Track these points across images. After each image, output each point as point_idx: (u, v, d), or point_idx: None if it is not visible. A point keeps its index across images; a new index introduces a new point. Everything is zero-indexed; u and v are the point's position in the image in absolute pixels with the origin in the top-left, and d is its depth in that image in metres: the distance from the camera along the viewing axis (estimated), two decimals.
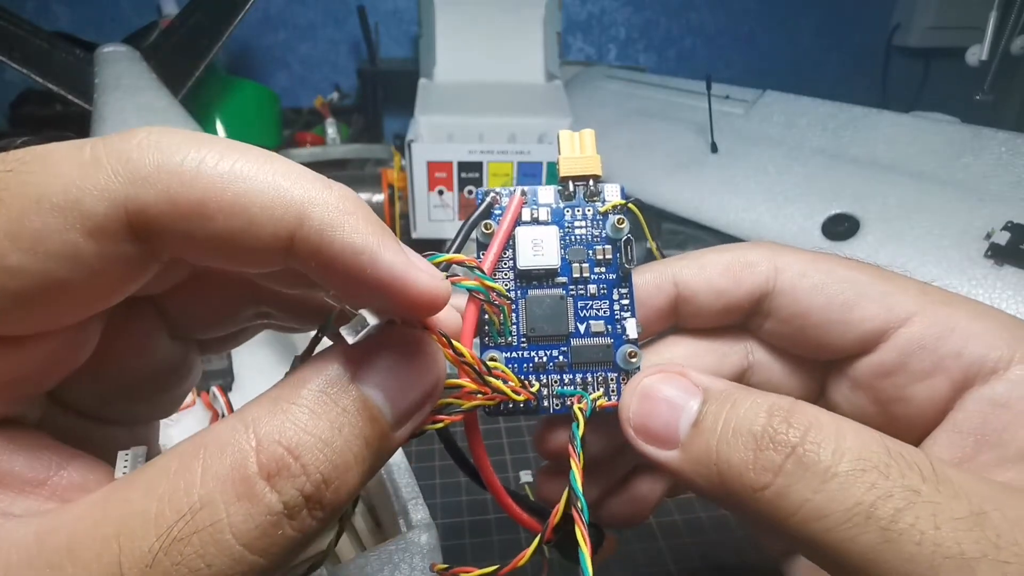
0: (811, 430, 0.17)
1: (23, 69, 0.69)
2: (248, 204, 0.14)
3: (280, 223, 0.14)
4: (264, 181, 0.14)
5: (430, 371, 0.18)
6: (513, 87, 0.83)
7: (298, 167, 0.15)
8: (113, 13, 1.16)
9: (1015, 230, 0.53)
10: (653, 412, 0.20)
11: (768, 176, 0.73)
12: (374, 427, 0.16)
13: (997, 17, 0.83)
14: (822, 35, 1.46)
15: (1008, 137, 0.60)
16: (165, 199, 0.14)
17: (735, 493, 0.17)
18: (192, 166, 0.14)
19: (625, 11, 1.37)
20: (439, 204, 0.74)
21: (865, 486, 0.15)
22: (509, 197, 0.24)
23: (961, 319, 0.21)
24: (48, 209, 0.13)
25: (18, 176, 0.13)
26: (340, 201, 0.15)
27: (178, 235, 0.14)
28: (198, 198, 0.14)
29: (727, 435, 0.18)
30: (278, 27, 1.25)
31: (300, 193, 0.15)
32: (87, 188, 0.13)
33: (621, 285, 0.24)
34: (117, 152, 0.14)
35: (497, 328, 0.23)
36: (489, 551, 0.41)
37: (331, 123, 1.05)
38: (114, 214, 0.13)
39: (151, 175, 0.14)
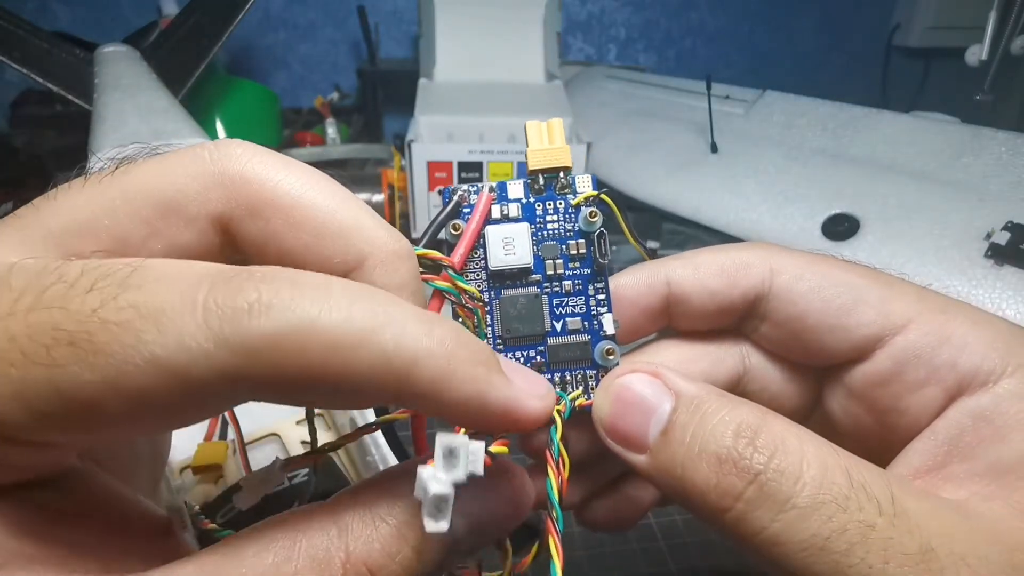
0: (775, 455, 0.17)
1: (23, 69, 0.69)
2: (352, 374, 0.14)
3: (385, 387, 0.14)
4: (371, 345, 0.14)
5: (520, 510, 0.18)
6: (513, 87, 0.83)
7: (403, 309, 0.15)
8: (113, 13, 1.16)
9: (1015, 230, 0.53)
10: (624, 413, 0.20)
11: (768, 176, 0.73)
12: (448, 552, 0.16)
13: (997, 17, 0.83)
14: (822, 35, 1.46)
15: (1008, 137, 0.60)
16: (272, 371, 0.13)
17: (698, 509, 0.18)
18: (302, 336, 0.13)
19: (625, 11, 1.37)
20: (439, 204, 0.74)
21: (822, 519, 0.16)
22: (477, 195, 0.23)
23: (958, 327, 0.21)
24: (155, 370, 0.13)
25: (132, 332, 0.13)
26: (443, 349, 0.15)
27: (277, 396, 0.14)
28: (305, 370, 0.13)
29: (693, 451, 0.18)
30: (278, 27, 1.25)
31: (406, 354, 0.14)
32: (195, 356, 0.13)
33: (596, 280, 0.23)
34: (229, 317, 0.13)
35: (472, 331, 0.22)
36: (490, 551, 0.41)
37: (331, 123, 1.05)
38: (216, 381, 0.13)
39: (261, 348, 0.13)
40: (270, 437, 0.40)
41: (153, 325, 0.13)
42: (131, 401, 0.13)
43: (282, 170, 0.17)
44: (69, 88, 0.70)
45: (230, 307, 0.13)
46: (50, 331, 0.13)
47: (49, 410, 0.13)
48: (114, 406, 0.13)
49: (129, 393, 0.13)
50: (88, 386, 0.13)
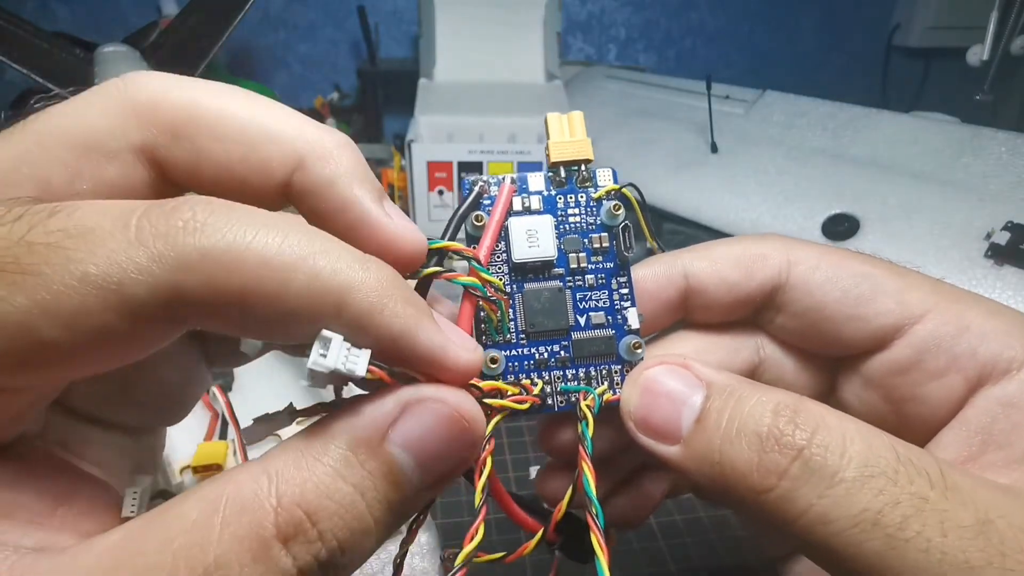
0: (818, 432, 0.16)
1: (23, 69, 0.69)
2: (288, 293, 0.14)
3: (319, 311, 0.14)
4: (305, 269, 0.14)
5: (466, 439, 0.17)
6: (513, 87, 0.83)
7: (337, 245, 0.15)
8: (113, 13, 1.16)
9: (1015, 230, 0.53)
10: (655, 405, 0.20)
11: (768, 176, 0.73)
12: (399, 492, 0.15)
13: (998, 17, 0.83)
14: (822, 35, 1.46)
15: (1008, 137, 0.60)
16: (207, 288, 0.13)
17: (738, 493, 0.17)
18: (236, 253, 0.13)
19: (625, 11, 1.37)
20: (439, 204, 0.74)
21: (872, 492, 0.15)
22: (499, 186, 0.23)
23: (976, 317, 0.21)
24: (88, 289, 0.13)
25: (61, 251, 0.13)
26: (377, 284, 0.15)
27: (214, 318, 0.14)
28: (240, 288, 0.14)
29: (731, 434, 0.17)
30: (278, 27, 1.25)
31: (339, 279, 0.14)
32: (129, 271, 0.13)
33: (619, 274, 0.23)
34: (163, 233, 0.13)
35: (495, 325, 0.22)
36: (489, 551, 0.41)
37: (331, 123, 1.05)
38: (153, 299, 0.13)
39: (195, 263, 0.13)
40: (270, 437, 0.40)
41: (83, 244, 0.13)
42: (67, 326, 0.13)
43: (196, 88, 0.17)
44: (69, 88, 0.70)
45: (163, 225, 0.13)
46: None
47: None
48: (50, 332, 0.13)
49: (63, 316, 0.12)
50: (20, 312, 0.12)
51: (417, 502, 0.16)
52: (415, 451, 0.16)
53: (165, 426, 0.23)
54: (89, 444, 0.18)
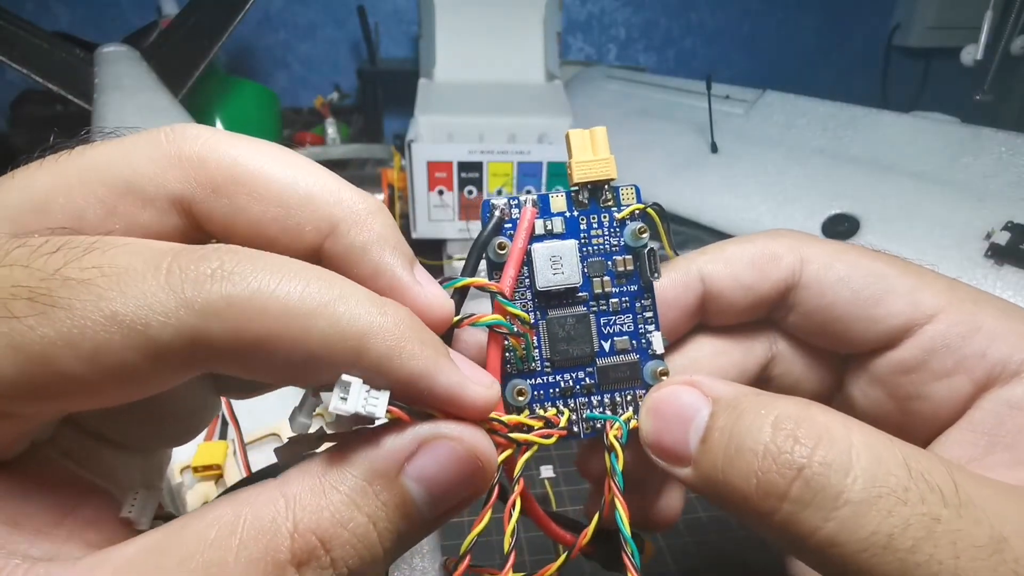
0: (820, 446, 0.16)
1: (23, 69, 0.69)
2: (309, 340, 0.14)
3: (340, 356, 0.15)
4: (326, 315, 0.14)
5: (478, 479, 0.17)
6: (513, 87, 0.83)
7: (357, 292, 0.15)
8: (113, 13, 1.16)
9: (1015, 230, 0.53)
10: (664, 428, 0.19)
11: (768, 176, 0.73)
12: (409, 523, 0.16)
13: (994, 17, 0.83)
14: (822, 35, 1.46)
15: (1008, 137, 0.60)
16: (231, 334, 0.14)
17: (745, 515, 0.17)
18: (261, 301, 0.14)
19: (625, 11, 1.37)
20: (439, 204, 0.74)
21: (882, 514, 0.14)
22: (520, 209, 0.22)
23: (987, 318, 0.20)
24: (115, 327, 0.13)
25: (93, 288, 0.13)
26: (396, 327, 0.15)
27: (236, 362, 0.14)
28: (263, 335, 0.14)
29: (731, 453, 0.17)
30: (278, 27, 1.25)
31: (359, 325, 0.15)
32: (157, 314, 0.13)
33: (643, 297, 0.22)
34: (193, 279, 0.13)
35: (520, 355, 0.21)
36: (489, 552, 0.41)
37: (331, 123, 1.05)
38: (177, 343, 0.13)
39: (221, 310, 0.13)
40: (270, 437, 0.40)
41: (115, 283, 0.13)
42: (88, 360, 0.13)
43: (240, 146, 0.17)
44: (69, 88, 0.70)
45: (193, 271, 0.14)
46: (9, 287, 0.13)
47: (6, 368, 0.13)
48: (72, 365, 0.13)
49: (86, 351, 0.13)
50: (45, 341, 0.13)
51: (423, 533, 0.17)
52: (428, 486, 0.16)
53: (172, 447, 0.23)
54: (97, 460, 0.18)
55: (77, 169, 0.16)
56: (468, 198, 0.74)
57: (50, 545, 0.15)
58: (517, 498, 0.19)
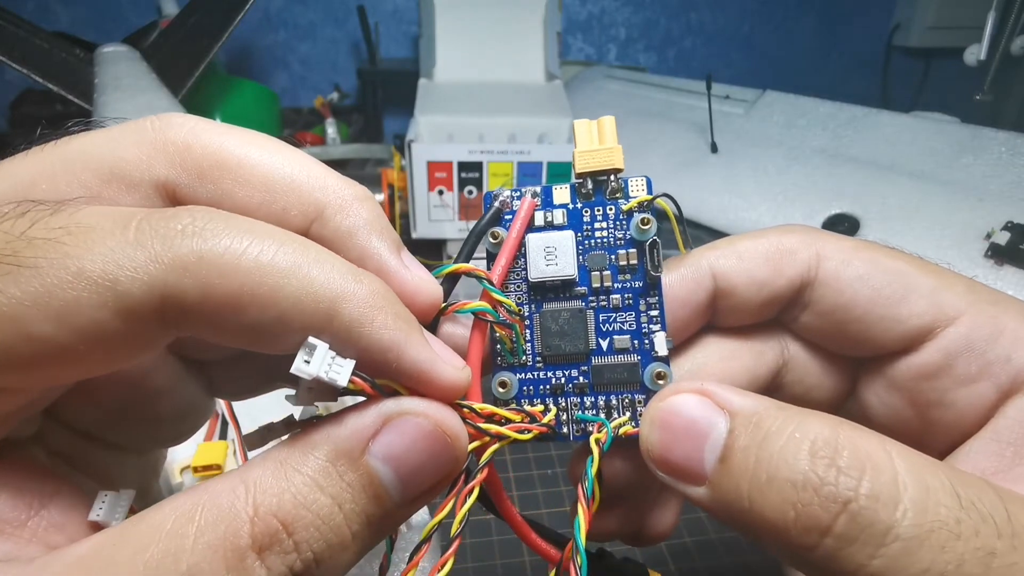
0: (865, 476, 0.14)
1: (23, 69, 0.69)
2: (280, 300, 0.14)
3: (311, 318, 0.14)
4: (299, 275, 0.14)
5: (447, 455, 0.16)
6: (513, 87, 0.83)
7: (332, 257, 0.15)
8: (113, 13, 1.17)
9: (1015, 230, 0.53)
10: (674, 441, 0.18)
11: (768, 176, 0.73)
12: (378, 506, 0.15)
13: (996, 17, 0.83)
14: (822, 35, 1.46)
15: (1008, 137, 0.60)
16: (201, 290, 0.13)
17: (775, 546, 0.15)
18: (232, 258, 0.14)
19: (625, 11, 1.37)
20: (439, 204, 0.74)
21: (935, 551, 0.13)
22: (520, 200, 0.21)
23: (1011, 321, 0.19)
24: (84, 284, 0.13)
25: (59, 246, 0.13)
26: (369, 296, 0.15)
27: (207, 321, 0.14)
28: (234, 292, 0.14)
29: (760, 480, 0.15)
30: (278, 27, 1.25)
31: (331, 289, 0.15)
32: (126, 269, 0.13)
33: (649, 294, 0.21)
34: (161, 235, 0.13)
35: (509, 348, 0.21)
36: (489, 550, 0.41)
37: (331, 123, 1.05)
38: (148, 299, 0.13)
39: (191, 265, 0.13)
40: None
41: (82, 241, 0.13)
42: (59, 320, 0.13)
43: (225, 133, 0.17)
44: (69, 88, 0.70)
45: (163, 227, 0.13)
46: None
47: None
48: (42, 326, 0.13)
49: (55, 309, 0.12)
50: (12, 302, 0.12)
51: (397, 518, 0.16)
52: (396, 465, 0.15)
53: (163, 447, 0.22)
54: (90, 460, 0.18)
55: (61, 156, 0.16)
56: (468, 198, 0.74)
57: (11, 546, 0.15)
58: (477, 485, 0.18)
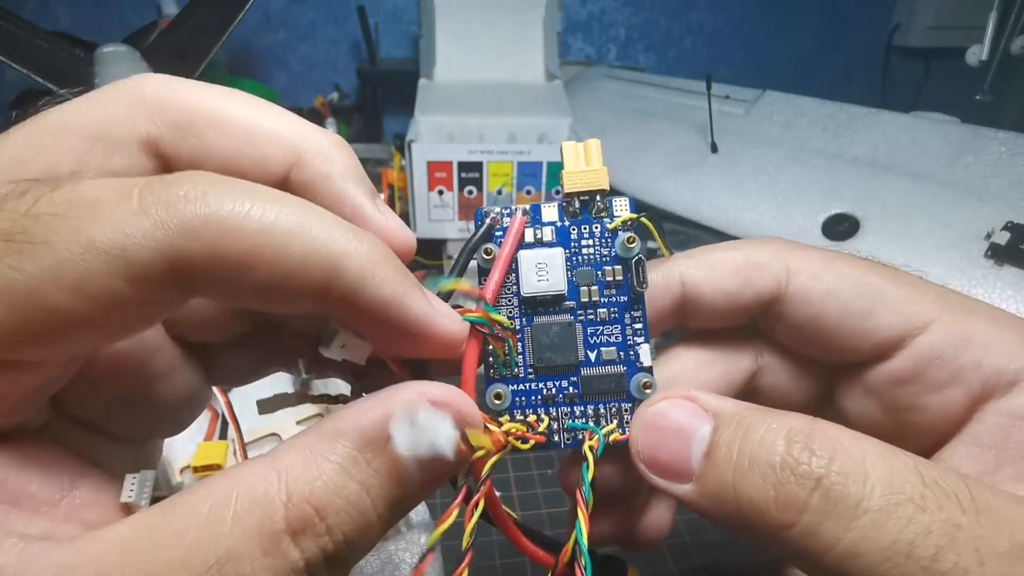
0: (836, 457, 0.16)
1: (23, 69, 0.69)
2: (286, 258, 0.15)
3: (316, 275, 0.15)
4: (302, 235, 0.15)
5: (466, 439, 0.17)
6: (513, 87, 0.83)
7: (332, 217, 0.16)
8: (113, 13, 1.16)
9: (1015, 230, 0.53)
10: (662, 442, 0.19)
11: (768, 176, 0.73)
12: (401, 489, 0.16)
13: (997, 17, 0.83)
14: (822, 35, 1.46)
15: (1008, 137, 0.60)
16: (209, 251, 0.14)
17: (759, 529, 0.16)
18: (236, 220, 0.14)
19: (625, 11, 1.37)
20: (439, 204, 0.74)
21: (902, 522, 0.14)
22: (511, 217, 0.22)
23: (980, 327, 0.20)
24: (94, 255, 0.13)
25: (67, 221, 0.13)
26: (371, 253, 0.16)
27: (217, 284, 0.15)
28: (241, 251, 0.14)
29: (743, 466, 0.16)
30: (278, 27, 1.25)
31: (334, 246, 0.15)
32: (134, 237, 0.13)
33: (633, 308, 0.22)
34: (164, 202, 0.14)
35: (502, 360, 0.22)
36: (489, 550, 0.41)
37: (331, 123, 1.05)
38: (158, 264, 0.14)
39: (197, 228, 0.14)
40: (270, 437, 0.40)
41: (88, 213, 0.13)
42: (74, 291, 0.13)
43: (203, 88, 0.18)
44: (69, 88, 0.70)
45: (165, 195, 0.14)
46: None
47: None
48: (59, 298, 0.13)
49: (70, 282, 0.13)
50: (28, 279, 0.13)
51: (417, 498, 0.17)
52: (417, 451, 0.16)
53: (162, 438, 0.23)
54: (90, 451, 0.18)
55: (44, 128, 0.16)
56: (468, 198, 0.74)
57: (48, 524, 0.15)
58: (481, 498, 0.18)
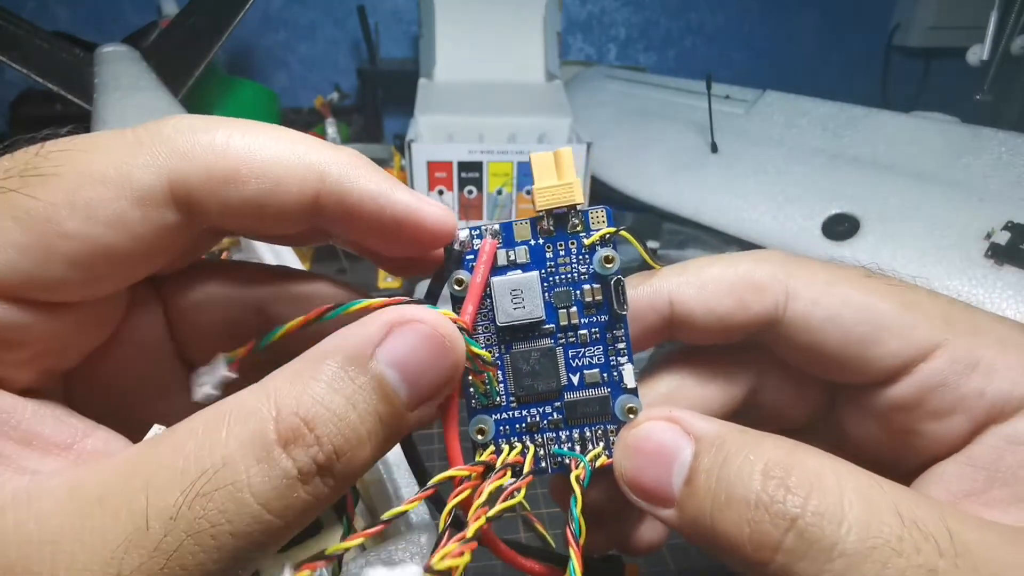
0: (812, 496, 0.15)
1: (23, 69, 0.69)
2: (274, 168, 0.17)
3: (305, 181, 0.17)
4: (285, 148, 0.17)
5: (447, 356, 0.18)
6: (513, 87, 0.83)
7: (309, 137, 0.18)
8: (113, 13, 1.16)
9: (1015, 230, 0.53)
10: (644, 466, 0.19)
11: (768, 176, 0.73)
12: (388, 405, 0.16)
13: (998, 17, 0.83)
14: (822, 35, 1.46)
15: (1008, 137, 0.60)
16: (203, 169, 0.16)
17: (736, 564, 0.16)
18: (223, 141, 0.16)
19: (625, 11, 1.37)
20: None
21: (876, 566, 0.14)
22: (481, 240, 0.21)
23: (987, 351, 0.19)
24: (101, 181, 0.15)
25: (73, 155, 0.15)
26: (350, 158, 0.18)
27: (215, 201, 0.16)
28: (232, 166, 0.16)
29: (720, 499, 0.16)
30: (278, 27, 1.25)
31: (316, 155, 0.17)
32: (135, 163, 0.15)
33: (615, 327, 0.21)
34: (156, 134, 0.16)
35: (483, 391, 0.21)
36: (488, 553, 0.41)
37: (331, 123, 1.05)
38: (159, 184, 0.16)
39: (189, 151, 0.16)
40: None
41: (93, 148, 0.16)
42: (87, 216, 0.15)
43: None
44: (69, 88, 0.70)
45: (156, 130, 0.16)
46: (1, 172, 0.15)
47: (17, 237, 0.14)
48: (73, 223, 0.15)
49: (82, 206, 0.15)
50: (44, 205, 0.15)
51: (407, 420, 0.17)
52: (400, 367, 0.17)
53: None
54: None
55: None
56: (468, 198, 0.74)
57: (58, 465, 0.16)
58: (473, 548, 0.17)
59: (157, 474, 0.14)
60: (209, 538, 0.14)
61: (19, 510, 0.14)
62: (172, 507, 0.14)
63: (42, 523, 0.13)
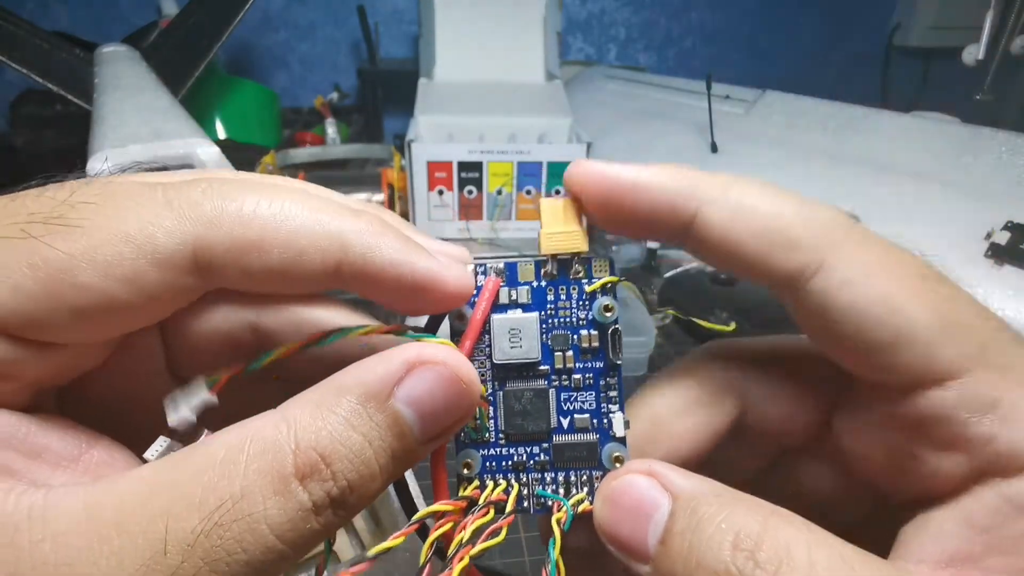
0: (780, 571, 0.15)
1: (23, 69, 0.69)
2: (298, 239, 0.17)
3: (327, 253, 0.17)
4: (309, 218, 0.17)
5: (464, 399, 0.18)
6: (513, 87, 0.83)
7: (334, 202, 0.18)
8: (113, 13, 1.17)
9: (1015, 230, 0.53)
10: (622, 519, 0.19)
11: (768, 176, 0.73)
12: (402, 443, 0.17)
13: (995, 17, 0.83)
14: (822, 35, 1.46)
15: (1008, 137, 0.60)
16: (228, 239, 0.16)
17: None
18: (249, 209, 0.17)
19: (625, 11, 1.37)
20: (439, 204, 0.74)
21: None
22: (487, 275, 0.22)
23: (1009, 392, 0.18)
24: (124, 240, 0.15)
25: (101, 209, 0.15)
26: (371, 225, 0.18)
27: (236, 268, 0.17)
28: (257, 236, 0.16)
29: (691, 565, 0.17)
30: (278, 27, 1.25)
31: (339, 224, 0.17)
32: (160, 226, 0.16)
33: (609, 374, 0.22)
34: (186, 197, 0.16)
35: (473, 426, 0.21)
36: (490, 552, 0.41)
37: (331, 123, 1.05)
38: (182, 251, 0.16)
39: (216, 218, 0.16)
40: None
41: (120, 204, 0.16)
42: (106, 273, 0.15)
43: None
44: (69, 88, 0.70)
45: (186, 192, 0.16)
46: (25, 215, 0.15)
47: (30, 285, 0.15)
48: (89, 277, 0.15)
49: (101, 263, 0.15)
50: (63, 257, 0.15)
51: (416, 454, 0.18)
52: (417, 407, 0.17)
53: None
54: None
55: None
56: (468, 198, 0.74)
57: (69, 477, 0.16)
58: None
59: (176, 501, 0.14)
60: (224, 566, 0.14)
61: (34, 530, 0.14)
62: (191, 535, 0.14)
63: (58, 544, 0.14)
